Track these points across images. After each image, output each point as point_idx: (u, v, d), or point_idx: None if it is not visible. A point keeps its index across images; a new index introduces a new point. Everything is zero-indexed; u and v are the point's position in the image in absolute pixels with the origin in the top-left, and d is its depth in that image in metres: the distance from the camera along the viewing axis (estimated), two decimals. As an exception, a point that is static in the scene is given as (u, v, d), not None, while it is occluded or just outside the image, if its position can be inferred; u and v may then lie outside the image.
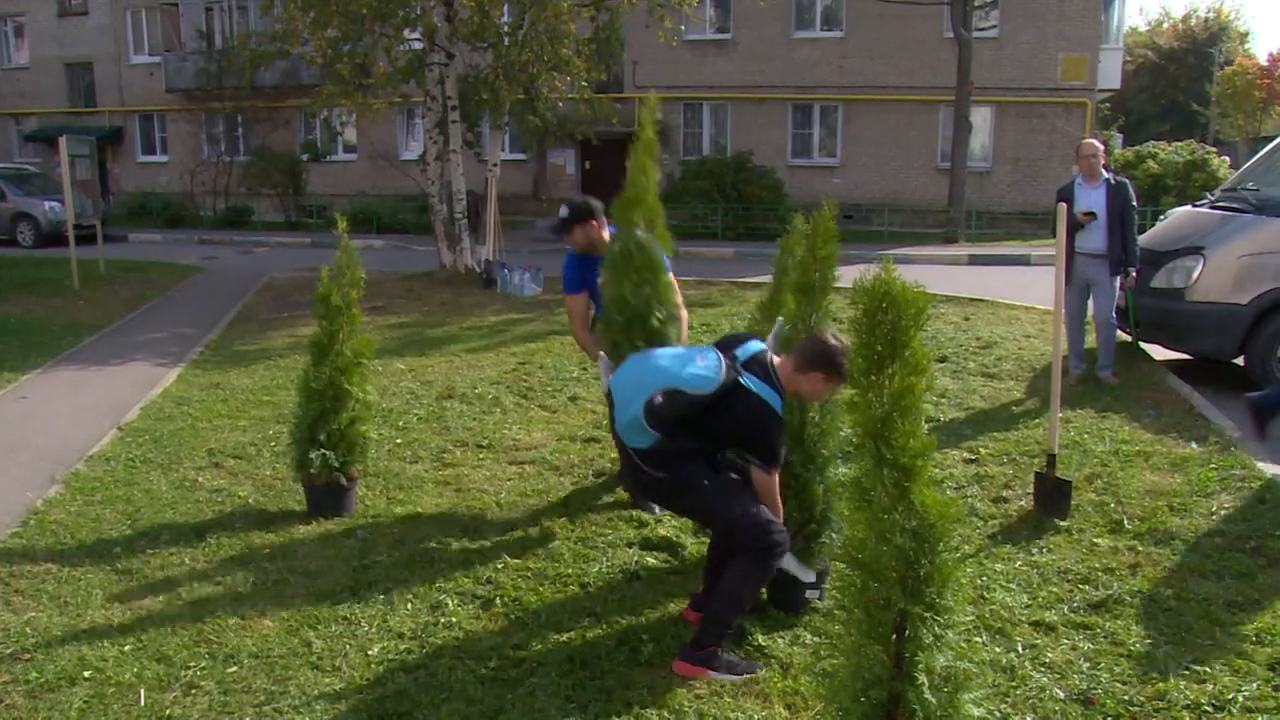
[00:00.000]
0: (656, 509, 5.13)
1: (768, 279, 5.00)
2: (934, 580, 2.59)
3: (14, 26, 32.99)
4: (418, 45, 15.90)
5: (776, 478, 3.72)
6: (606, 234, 5.24)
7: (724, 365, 3.62)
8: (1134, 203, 7.53)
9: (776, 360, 3.75)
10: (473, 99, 16.11)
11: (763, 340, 3.89)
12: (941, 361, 8.51)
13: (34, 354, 9.71)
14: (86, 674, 3.72)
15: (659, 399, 3.57)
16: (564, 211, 5.29)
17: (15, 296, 13.61)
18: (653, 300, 4.91)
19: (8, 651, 3.90)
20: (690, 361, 3.66)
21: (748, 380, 3.62)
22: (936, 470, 5.69)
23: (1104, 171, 7.60)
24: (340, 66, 15.07)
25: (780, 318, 4.23)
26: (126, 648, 3.92)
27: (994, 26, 23.65)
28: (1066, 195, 7.44)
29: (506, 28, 15.36)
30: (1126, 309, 8.02)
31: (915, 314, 2.64)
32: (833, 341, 3.60)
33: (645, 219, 5.00)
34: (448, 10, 14.67)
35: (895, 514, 2.59)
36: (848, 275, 3.68)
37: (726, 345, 3.81)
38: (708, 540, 4.80)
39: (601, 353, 4.95)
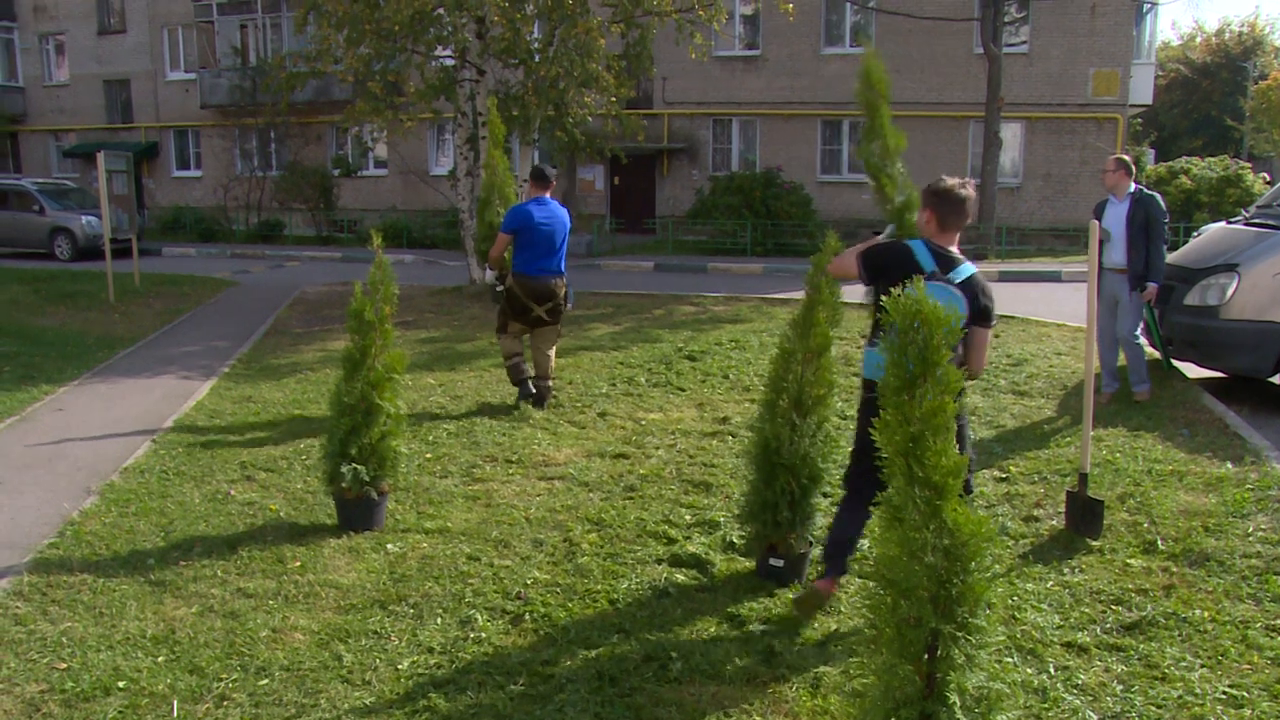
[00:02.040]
0: None
1: (797, 295, 5.02)
2: (966, 599, 2.58)
3: (55, 44, 33.69)
4: (449, 62, 16.04)
5: None
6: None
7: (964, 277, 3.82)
8: (1161, 217, 7.34)
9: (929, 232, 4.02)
10: (503, 115, 16.24)
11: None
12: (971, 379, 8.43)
13: (70, 366, 9.85)
14: (121, 684, 3.76)
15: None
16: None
17: (52, 309, 13.82)
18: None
19: (44, 660, 3.96)
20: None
21: (967, 269, 3.87)
22: (967, 488, 5.64)
23: (1131, 185, 7.50)
24: (372, 85, 15.23)
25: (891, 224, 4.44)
26: (160, 659, 3.97)
27: (1024, 42, 23.56)
28: (1099, 211, 7.40)
29: (537, 44, 15.47)
30: (1150, 326, 7.90)
31: (947, 333, 2.64)
32: (945, 183, 4.01)
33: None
34: (479, 27, 14.81)
35: (927, 532, 2.58)
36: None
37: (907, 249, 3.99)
38: (737, 558, 4.82)
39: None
